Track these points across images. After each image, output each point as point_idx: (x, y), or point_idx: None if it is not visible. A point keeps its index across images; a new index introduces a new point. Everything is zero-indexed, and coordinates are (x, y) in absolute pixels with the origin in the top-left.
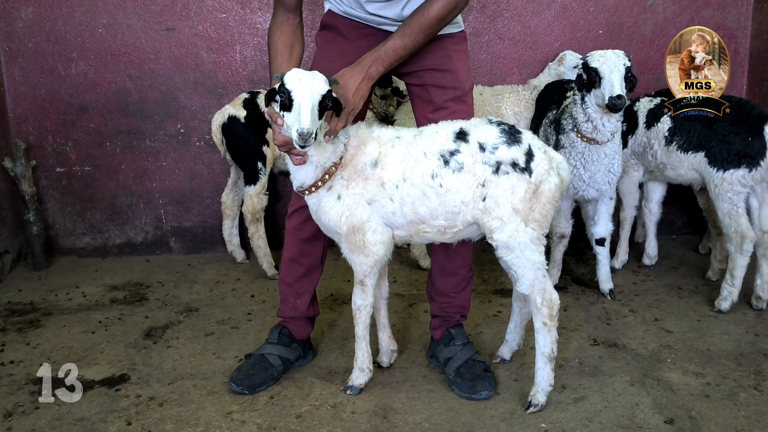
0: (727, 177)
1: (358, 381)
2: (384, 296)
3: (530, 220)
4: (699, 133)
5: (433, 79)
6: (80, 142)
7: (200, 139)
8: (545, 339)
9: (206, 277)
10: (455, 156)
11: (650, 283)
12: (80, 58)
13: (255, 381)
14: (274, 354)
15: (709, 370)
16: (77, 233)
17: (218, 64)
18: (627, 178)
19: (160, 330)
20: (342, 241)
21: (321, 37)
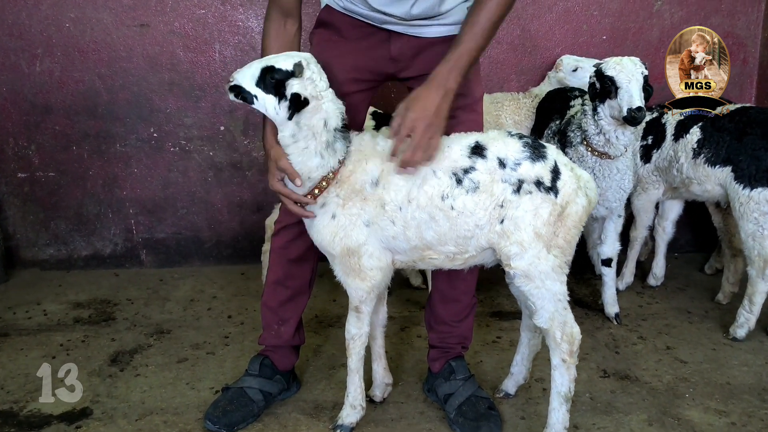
0: (754, 196)
1: (349, 419)
2: (381, 323)
3: (553, 246)
4: (728, 146)
5: None
6: (44, 146)
7: (175, 145)
8: (563, 377)
9: (180, 294)
10: (470, 174)
11: (657, 306)
12: (45, 54)
13: (233, 418)
14: (254, 387)
15: (732, 408)
16: (40, 244)
17: (196, 64)
18: (645, 195)
19: (128, 355)
20: (335, 262)
21: (317, 35)
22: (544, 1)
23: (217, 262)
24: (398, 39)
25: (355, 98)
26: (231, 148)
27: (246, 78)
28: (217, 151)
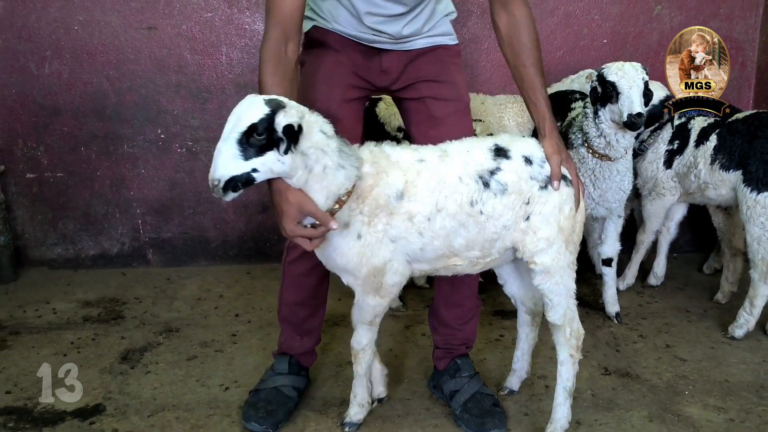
0: (761, 200)
1: (357, 417)
2: None
3: (569, 242)
4: (740, 150)
5: (432, 91)
6: (53, 147)
7: (182, 146)
8: (569, 372)
9: (187, 293)
10: (496, 175)
11: (657, 305)
12: (54, 56)
13: (278, 417)
14: (288, 385)
15: (730, 404)
16: (48, 243)
17: (203, 66)
18: (660, 201)
19: (138, 353)
20: (357, 283)
21: (307, 56)
22: (546, 5)
23: (223, 261)
24: (387, 54)
25: (355, 105)
26: None
27: (228, 164)
28: None
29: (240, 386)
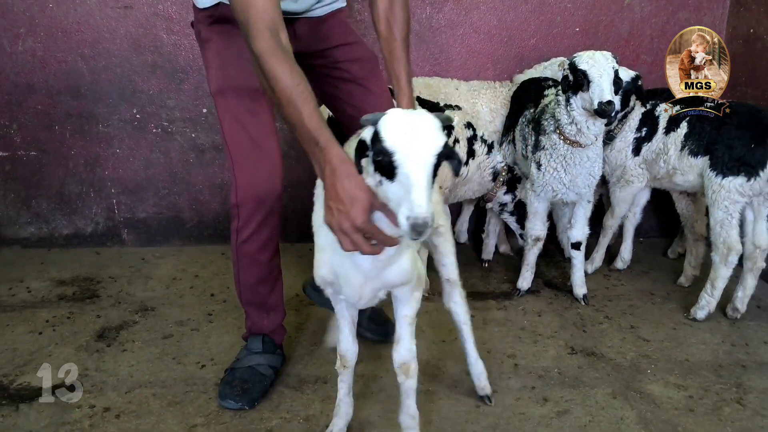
0: (725, 184)
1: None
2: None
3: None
4: (708, 136)
5: (345, 54)
6: (26, 125)
7: (157, 126)
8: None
9: (162, 272)
10: None
11: (622, 288)
12: (28, 34)
13: (254, 394)
14: (263, 364)
15: (690, 382)
16: (21, 222)
17: (179, 47)
18: (628, 188)
19: (114, 331)
20: (405, 289)
21: (214, 31)
22: None
23: (198, 242)
24: (297, 22)
25: None
26: (213, 131)
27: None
28: (199, 132)
29: (216, 364)
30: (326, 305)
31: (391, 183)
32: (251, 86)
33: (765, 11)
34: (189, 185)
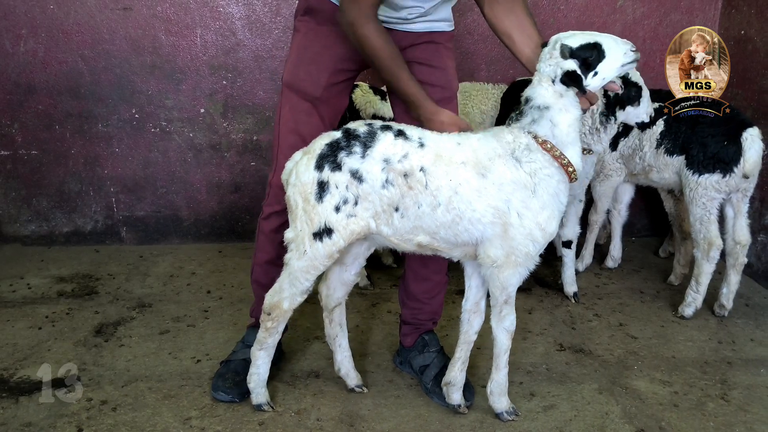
0: (702, 181)
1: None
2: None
3: None
4: (684, 135)
5: (422, 75)
6: (27, 125)
7: (156, 126)
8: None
9: (159, 270)
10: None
11: (613, 286)
12: (30, 35)
13: (245, 388)
14: None
15: (675, 378)
16: (22, 220)
17: (177, 48)
18: (608, 182)
19: (112, 327)
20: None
21: (303, 23)
22: None
23: (195, 240)
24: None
25: (342, 86)
26: (210, 130)
27: None
28: (196, 132)
29: (211, 359)
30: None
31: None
32: (314, 94)
33: (756, 13)
34: (187, 184)
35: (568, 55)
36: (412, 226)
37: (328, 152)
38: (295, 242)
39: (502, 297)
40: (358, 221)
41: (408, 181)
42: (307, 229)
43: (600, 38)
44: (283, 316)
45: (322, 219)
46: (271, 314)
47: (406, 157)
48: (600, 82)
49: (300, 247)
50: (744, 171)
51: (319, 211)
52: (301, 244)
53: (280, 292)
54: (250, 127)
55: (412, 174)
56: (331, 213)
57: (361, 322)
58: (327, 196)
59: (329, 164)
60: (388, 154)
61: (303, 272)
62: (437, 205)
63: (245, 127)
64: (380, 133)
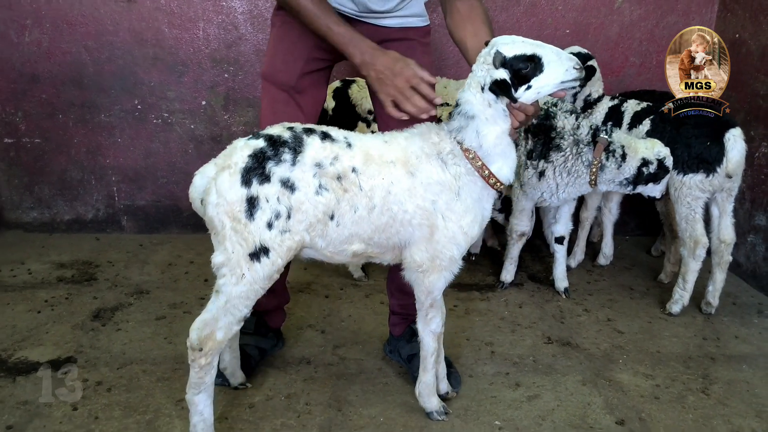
0: (686, 181)
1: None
2: None
3: None
4: (669, 135)
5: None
6: (31, 113)
7: (157, 117)
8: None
9: (158, 258)
10: None
11: (603, 283)
12: (34, 25)
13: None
14: (251, 344)
15: (658, 372)
16: (24, 207)
17: (180, 41)
18: None
19: (109, 312)
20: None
21: (279, 17)
22: None
23: (194, 230)
24: (357, 26)
25: (317, 76)
26: (211, 122)
27: None
28: (197, 124)
29: None
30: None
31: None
32: (290, 82)
33: (750, 17)
34: (187, 175)
35: (499, 64)
36: (348, 234)
37: (254, 164)
38: (228, 266)
39: (428, 301)
40: (293, 236)
41: (342, 184)
42: (241, 251)
43: (542, 51)
44: (217, 348)
45: (257, 238)
46: (204, 349)
47: (337, 159)
48: (533, 96)
49: (236, 271)
50: (727, 171)
51: (251, 230)
52: (236, 268)
53: (213, 322)
54: (251, 120)
55: (345, 176)
56: (264, 230)
57: (354, 312)
58: (258, 212)
59: (257, 177)
60: (319, 157)
61: (242, 299)
62: (373, 207)
63: (246, 119)
64: (306, 138)
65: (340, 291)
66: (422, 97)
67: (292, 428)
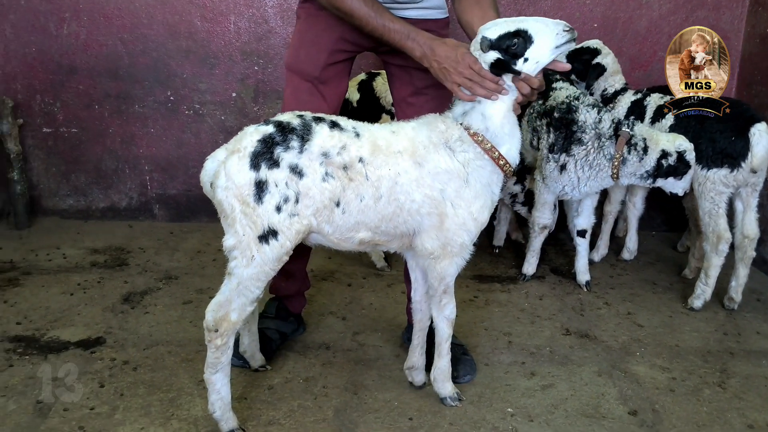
0: (710, 176)
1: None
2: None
3: None
4: (693, 130)
5: (417, 62)
6: (68, 104)
7: (189, 108)
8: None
9: (188, 245)
10: None
11: (626, 277)
12: (72, 18)
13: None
14: (272, 328)
15: (676, 365)
16: (61, 194)
17: (211, 33)
18: None
19: (139, 295)
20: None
21: (304, 9)
22: None
23: None
24: None
25: (340, 67)
26: (241, 114)
27: None
28: (228, 115)
29: None
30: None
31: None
32: (314, 73)
33: None
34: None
35: (488, 48)
36: (355, 222)
37: (263, 149)
38: (238, 249)
39: (441, 287)
40: (301, 220)
41: (348, 173)
42: (251, 233)
43: (525, 24)
44: (232, 328)
45: (265, 221)
46: (219, 330)
47: (344, 148)
48: (534, 66)
49: (246, 253)
50: (752, 166)
51: (260, 213)
52: (246, 250)
53: (227, 304)
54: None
55: (351, 166)
56: (273, 214)
57: (375, 301)
58: (267, 196)
59: (266, 162)
60: (327, 147)
61: (253, 280)
62: (379, 197)
63: (275, 111)
64: (315, 125)
65: (363, 280)
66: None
67: (308, 409)
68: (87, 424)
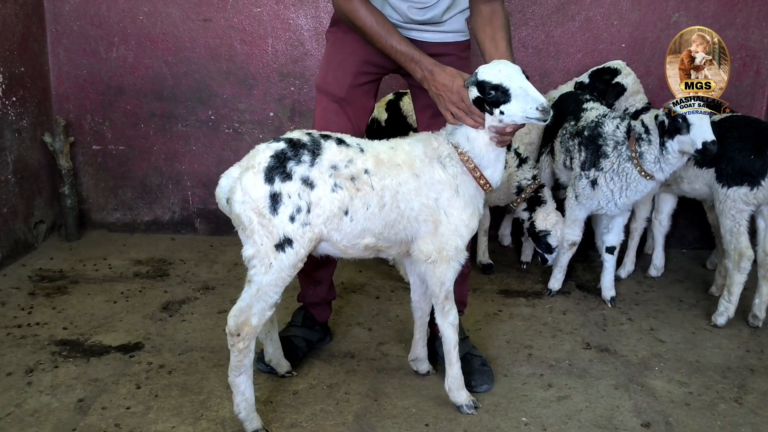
0: (731, 194)
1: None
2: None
3: None
4: None
5: None
6: (116, 123)
7: (229, 127)
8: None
9: (226, 258)
10: None
11: (652, 294)
12: (121, 42)
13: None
14: (299, 336)
15: (694, 380)
16: (108, 208)
17: (250, 56)
18: None
19: (177, 304)
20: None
21: (332, 33)
22: (568, 11)
23: None
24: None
25: (366, 88)
26: (279, 132)
27: None
28: (266, 134)
29: None
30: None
31: (509, 103)
32: (340, 94)
33: None
34: None
35: (472, 85)
36: (361, 229)
37: (276, 164)
38: (257, 258)
39: (442, 293)
40: (313, 228)
41: (355, 184)
42: (268, 242)
43: (510, 83)
44: (253, 332)
45: (281, 231)
46: (241, 334)
47: (351, 161)
48: (508, 120)
49: (265, 261)
50: None
51: (276, 224)
52: (265, 258)
53: (247, 309)
54: None
55: (358, 177)
56: (287, 223)
57: (402, 313)
58: (281, 207)
59: (279, 175)
60: (335, 160)
61: (272, 286)
62: (383, 204)
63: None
64: (324, 142)
65: (391, 293)
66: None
67: (329, 414)
68: (122, 421)
